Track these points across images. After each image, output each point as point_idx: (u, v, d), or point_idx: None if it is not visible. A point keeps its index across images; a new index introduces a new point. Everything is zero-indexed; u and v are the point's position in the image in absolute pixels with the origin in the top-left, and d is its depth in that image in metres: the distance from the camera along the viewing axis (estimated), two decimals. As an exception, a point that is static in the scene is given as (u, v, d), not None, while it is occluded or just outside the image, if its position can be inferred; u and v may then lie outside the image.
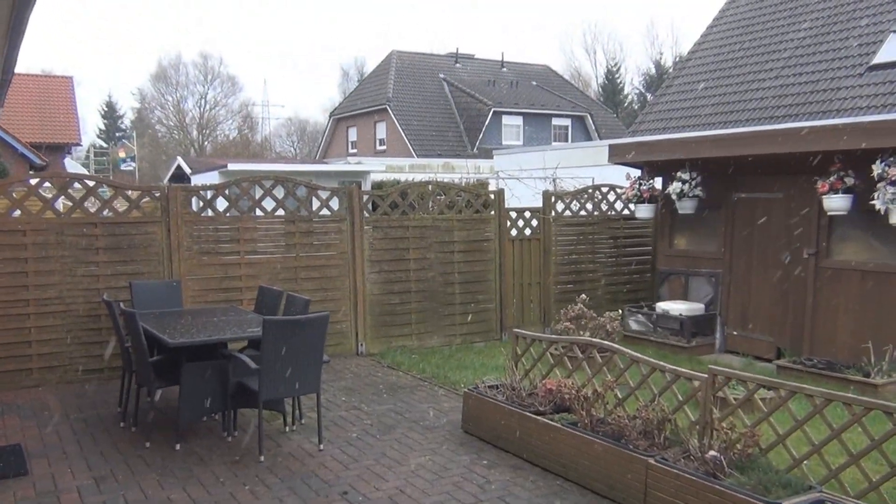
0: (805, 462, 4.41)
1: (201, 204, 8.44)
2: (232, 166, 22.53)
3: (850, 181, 7.67)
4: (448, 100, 36.30)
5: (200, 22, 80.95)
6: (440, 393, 7.54)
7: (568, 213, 10.71)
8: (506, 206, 10.26)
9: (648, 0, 72.92)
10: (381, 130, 36.24)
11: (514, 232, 10.33)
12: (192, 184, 22.74)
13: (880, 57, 17.12)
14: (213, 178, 21.82)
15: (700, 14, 67.63)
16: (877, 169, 7.29)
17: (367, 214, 9.34)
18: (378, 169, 24.19)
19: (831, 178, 7.73)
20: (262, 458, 5.55)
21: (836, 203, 7.77)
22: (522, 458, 5.61)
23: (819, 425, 4.38)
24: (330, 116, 42.10)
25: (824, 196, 7.82)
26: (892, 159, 7.22)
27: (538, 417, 5.54)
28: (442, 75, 37.45)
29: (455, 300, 9.82)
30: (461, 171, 21.52)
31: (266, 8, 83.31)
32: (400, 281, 9.46)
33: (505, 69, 40.63)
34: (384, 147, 35.70)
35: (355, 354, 9.23)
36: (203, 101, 59.03)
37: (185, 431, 6.04)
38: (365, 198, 9.41)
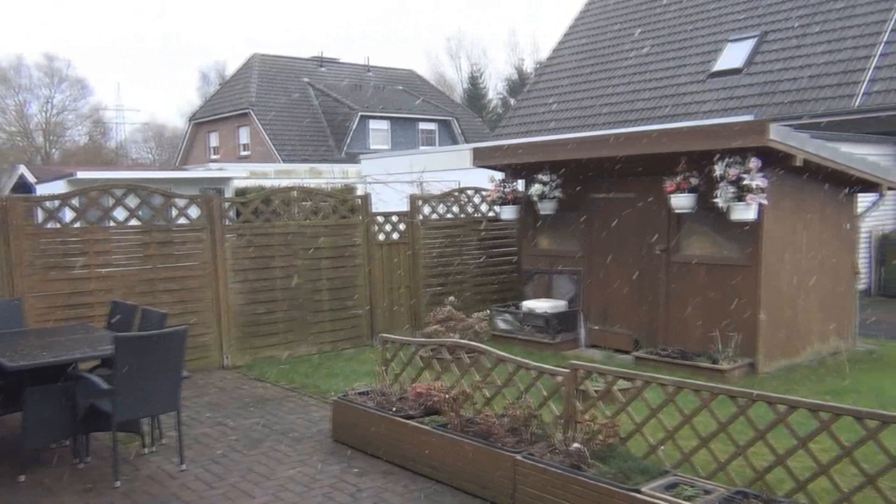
0: (661, 448, 4.65)
1: (46, 215, 7.87)
2: (82, 174, 21.19)
3: (694, 181, 8.16)
4: (313, 104, 35.82)
5: (46, 24, 75.78)
6: (310, 403, 7.40)
7: (435, 216, 10.80)
8: (373, 210, 10.21)
9: (510, 8, 75.02)
10: (244, 135, 35.24)
11: (381, 236, 10.30)
12: (38, 193, 21.20)
13: (719, 65, 18.42)
14: (60, 187, 20.43)
15: (558, 21, 70.45)
16: (718, 169, 7.80)
17: (228, 222, 9.03)
18: (241, 175, 23.50)
19: (677, 179, 8.21)
20: (117, 484, 5.23)
21: (682, 201, 8.26)
22: (394, 463, 5.59)
23: (673, 412, 4.62)
24: (189, 121, 40.50)
25: (671, 195, 8.29)
26: (731, 160, 7.75)
27: (408, 421, 5.54)
28: (306, 79, 36.90)
29: (323, 307, 9.67)
30: (328, 176, 21.29)
31: (119, 8, 79.15)
32: (265, 290, 9.21)
33: (371, 73, 40.58)
34: (248, 152, 34.74)
35: (220, 368, 8.90)
36: (49, 106, 55.20)
37: (30, 461, 5.60)
38: (226, 205, 9.10)
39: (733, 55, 18.11)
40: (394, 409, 5.79)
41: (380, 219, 10.28)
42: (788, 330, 8.51)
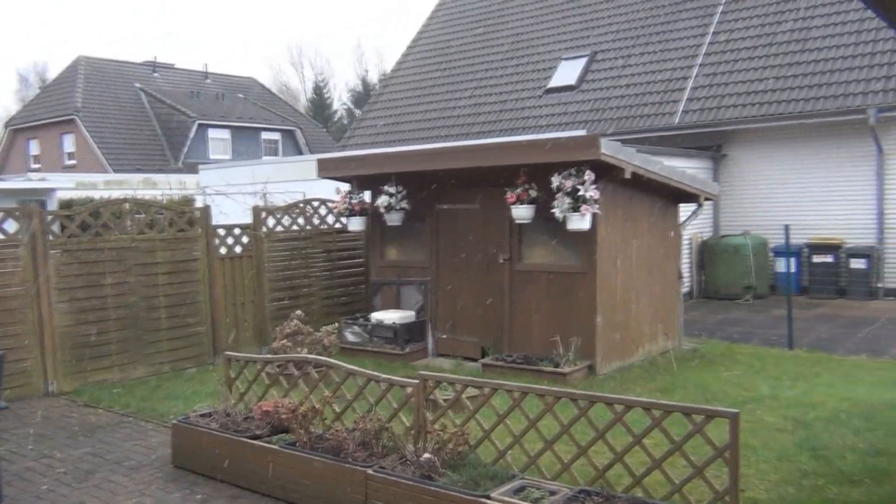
0: (509, 452, 4.77)
1: None
2: None
3: (533, 192, 8.49)
4: (147, 111, 34.00)
5: None
6: (147, 428, 6.97)
7: (280, 228, 10.55)
8: (214, 223, 9.82)
9: (354, 19, 74.96)
10: (69, 143, 32.85)
11: (223, 250, 9.92)
12: None
13: (554, 81, 19.32)
14: None
15: (403, 33, 71.10)
16: (555, 181, 8.16)
17: (52, 237, 8.35)
18: (66, 186, 21.83)
19: (518, 190, 8.50)
20: (-78, 532, 4.67)
21: (522, 212, 8.56)
22: (241, 486, 5.37)
23: (519, 417, 4.75)
24: (6, 127, 37.22)
25: (512, 206, 8.57)
26: (567, 172, 8.13)
27: (254, 442, 5.35)
28: (138, 85, 34.98)
29: (161, 326, 9.16)
30: (164, 187, 20.22)
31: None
32: (96, 309, 8.60)
33: (209, 80, 39.11)
34: (74, 161, 32.39)
35: (45, 395, 8.20)
36: None
37: None
38: (49, 218, 8.42)
39: (567, 73, 19.07)
40: (239, 429, 5.58)
41: (221, 231, 9.89)
42: (622, 332, 9.03)
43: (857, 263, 14.16)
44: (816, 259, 14.56)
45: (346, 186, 10.52)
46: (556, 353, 8.53)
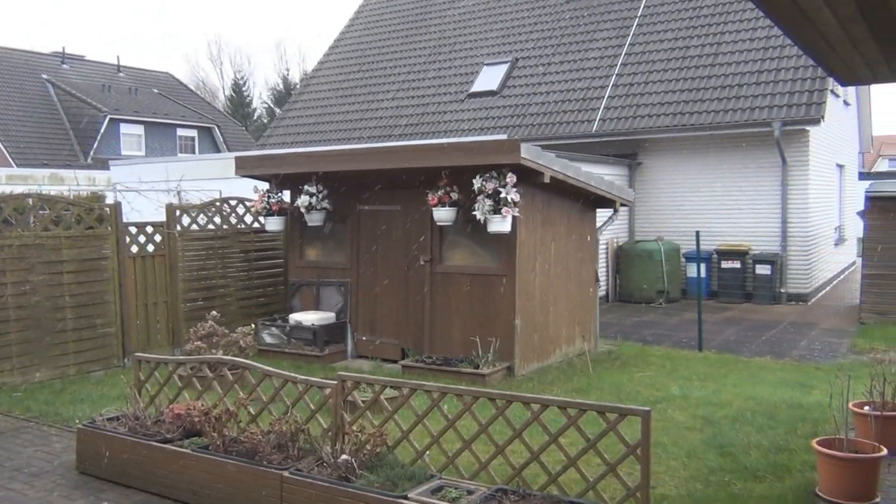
0: (427, 453, 4.76)
1: None
2: None
3: (455, 195, 8.54)
4: (54, 104, 32.52)
5: None
6: (51, 433, 6.65)
7: (195, 227, 10.26)
8: (125, 220, 9.47)
9: (276, 16, 73.80)
10: (-31, 135, 31.07)
11: (135, 248, 9.57)
12: None
13: (476, 86, 19.49)
14: None
15: (325, 32, 70.43)
16: (476, 184, 8.23)
17: (-53, 232, 7.87)
18: (-35, 180, 20.68)
19: (439, 192, 8.53)
20: None
21: (443, 214, 8.60)
22: (151, 492, 5.19)
23: (438, 417, 4.75)
24: None
25: (434, 208, 8.59)
26: (488, 175, 8.21)
27: (165, 446, 5.17)
28: (45, 76, 33.43)
29: (67, 326, 8.76)
30: (71, 182, 19.40)
31: None
32: (-5, 309, 8.15)
33: (122, 74, 37.73)
34: (-26, 155, 30.66)
35: (-64, 400, 7.72)
36: None
37: None
38: (-56, 213, 7.93)
39: (489, 78, 19.27)
40: (149, 433, 5.38)
41: (133, 229, 9.55)
42: (541, 334, 9.17)
43: (763, 269, 14.81)
44: (725, 265, 15.15)
45: (264, 185, 10.33)
46: (475, 355, 8.59)
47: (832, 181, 18.17)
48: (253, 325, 9.02)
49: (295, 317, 9.84)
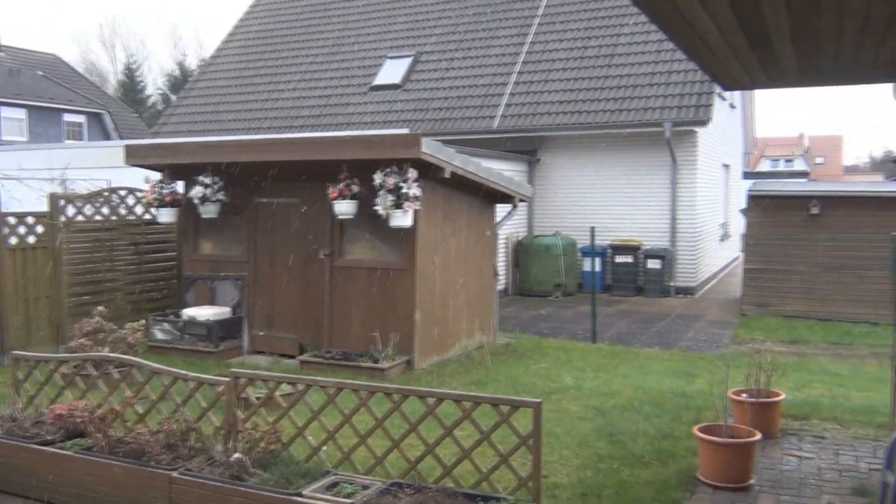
0: (323, 449, 4.72)
1: None
2: None
3: (356, 188, 8.47)
4: (-75, 84, 30.27)
5: None
6: (-84, 437, 6.19)
7: (81, 217, 9.77)
8: (3, 210, 8.91)
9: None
10: None
11: (14, 240, 9.03)
12: None
13: (380, 79, 19.41)
14: None
15: (225, 17, 68.34)
16: (378, 178, 8.20)
17: None
18: None
19: (340, 185, 8.45)
20: None
21: (344, 208, 8.52)
22: (31, 497, 4.92)
23: (335, 413, 4.72)
24: None
25: (334, 201, 8.50)
26: (389, 169, 8.19)
27: (45, 448, 4.92)
28: (-85, 53, 31.06)
29: (-64, 323, 8.19)
30: (-56, 169, 18.10)
31: None
32: None
33: (3, 54, 35.46)
34: None
35: None
36: None
37: None
38: None
39: (392, 71, 19.22)
40: (28, 435, 5.11)
41: (11, 220, 9.00)
42: (440, 328, 9.24)
43: (653, 264, 15.43)
44: (618, 259, 15.69)
45: (157, 175, 9.94)
46: (375, 349, 8.57)
47: (718, 180, 19.12)
48: (143, 321, 8.69)
49: (188, 312, 9.54)
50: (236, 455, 4.40)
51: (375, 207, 8.26)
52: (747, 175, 25.08)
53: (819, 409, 6.90)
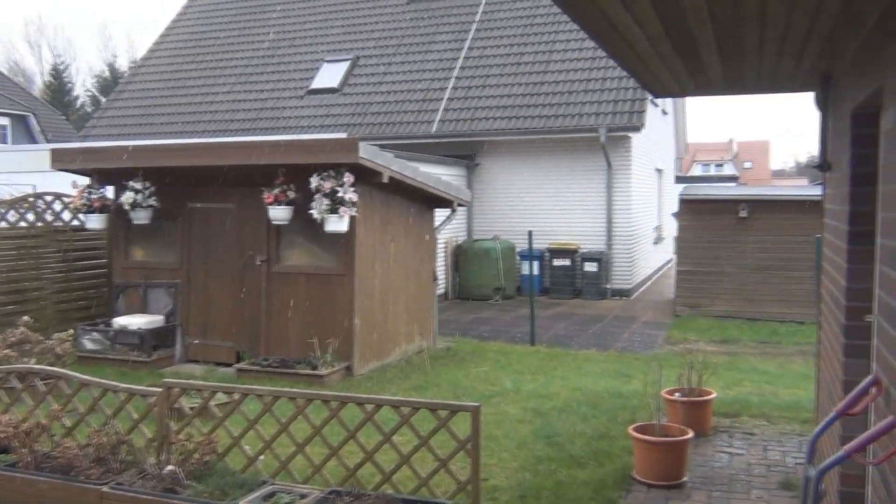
0: (260, 458, 4.64)
1: None
2: None
3: (292, 193, 8.37)
4: None
5: None
6: None
7: (4, 224, 9.40)
8: (-81, 217, 8.51)
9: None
10: None
11: (-69, 248, 8.64)
12: None
13: (317, 83, 19.25)
14: None
15: (157, 17, 66.74)
16: (314, 182, 8.12)
17: None
18: None
19: (276, 191, 8.34)
20: None
21: (279, 213, 8.41)
22: (-54, 517, 4.70)
23: (272, 422, 4.65)
24: None
25: (270, 206, 8.39)
26: (325, 174, 8.13)
27: (-35, 466, 4.70)
28: None
29: None
30: None
31: None
32: None
33: (-82, 53, 33.86)
34: None
35: None
36: None
37: None
38: None
39: (330, 75, 19.08)
40: (-54, 453, 4.87)
41: (-71, 227, 8.61)
42: (380, 333, 9.20)
43: (590, 267, 15.69)
44: (556, 262, 15.91)
45: (85, 180, 9.64)
46: (314, 356, 8.48)
47: (652, 184, 19.57)
48: (72, 331, 8.41)
49: (120, 321, 9.27)
50: (169, 467, 4.29)
51: (311, 212, 8.18)
52: (679, 179, 25.74)
53: (749, 407, 7.12)
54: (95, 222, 9.58)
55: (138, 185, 9.16)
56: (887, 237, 2.83)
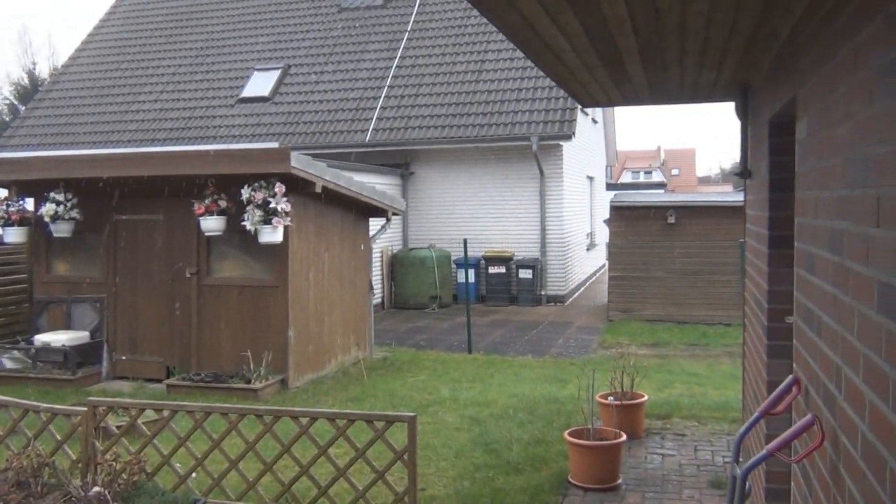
0: (192, 476, 4.53)
1: None
2: None
3: (223, 204, 8.21)
4: None
5: None
6: None
7: (-85, 239, 8.95)
8: None
9: (20, 2, 66.54)
10: None
11: None
12: None
13: (247, 91, 18.99)
14: None
15: (79, 22, 64.64)
16: (245, 194, 7.98)
17: None
18: None
19: (206, 201, 8.16)
20: None
21: (211, 224, 8.23)
22: None
23: (204, 438, 4.53)
24: None
25: (201, 217, 8.21)
26: (258, 184, 8.00)
27: None
28: None
29: None
30: None
31: None
32: None
33: None
34: None
35: None
36: None
37: None
38: None
39: (260, 84, 18.83)
40: None
41: None
42: (316, 345, 9.09)
43: (525, 274, 15.86)
44: (492, 270, 16.02)
45: (3, 192, 9.25)
46: (247, 369, 8.32)
47: (584, 191, 19.93)
48: (-11, 350, 8.06)
49: (42, 338, 8.92)
50: (95, 489, 4.14)
51: (244, 223, 8.03)
52: (610, 186, 26.31)
53: (679, 408, 7.30)
54: (14, 236, 9.19)
55: (60, 197, 8.83)
56: (803, 241, 2.94)
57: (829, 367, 2.35)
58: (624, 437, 5.46)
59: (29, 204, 9.41)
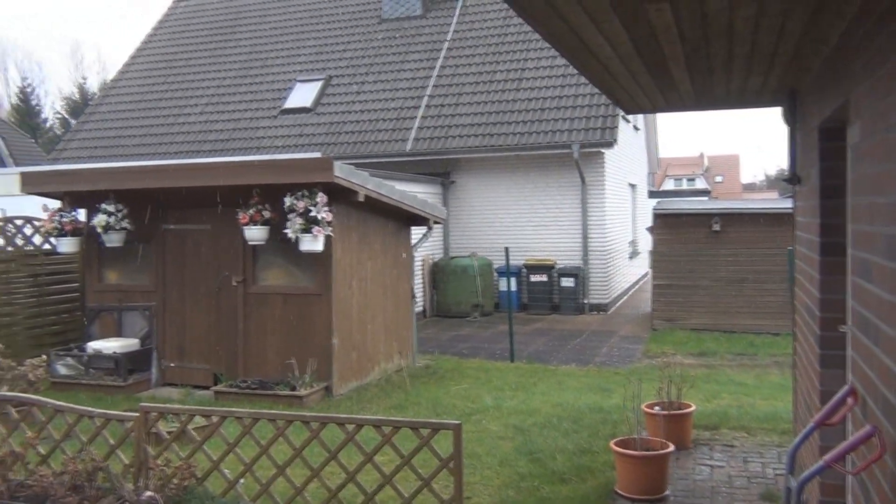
0: (240, 482, 4.59)
1: None
2: None
3: (267, 213, 8.33)
4: None
5: None
6: None
7: (-26, 250, 9.26)
8: None
9: (72, 19, 68.52)
10: None
11: None
12: None
13: (290, 102, 19.24)
14: None
15: (128, 39, 66.32)
16: (287, 201, 8.10)
17: None
18: None
19: (251, 211, 8.29)
20: None
21: (255, 234, 8.36)
22: (-83, 552, 4.58)
23: (252, 444, 4.60)
24: None
25: (245, 227, 8.34)
26: (300, 194, 8.11)
27: (-64, 498, 4.60)
28: None
29: None
30: None
31: None
32: None
33: None
34: None
35: None
36: None
37: None
38: None
39: (303, 95, 19.08)
40: (-85, 485, 4.76)
41: None
42: (359, 352, 9.16)
43: (567, 282, 15.76)
44: (533, 278, 15.96)
45: (56, 203, 9.53)
46: (292, 376, 8.42)
47: (626, 199, 19.76)
48: (45, 357, 8.27)
49: (94, 345, 9.14)
50: (148, 493, 4.23)
51: (286, 232, 8.14)
52: (653, 194, 26.03)
53: (728, 419, 7.17)
54: (67, 246, 9.45)
55: (111, 208, 9.07)
56: (858, 248, 2.88)
57: (888, 377, 2.29)
58: (672, 447, 5.38)
59: (81, 215, 9.67)
